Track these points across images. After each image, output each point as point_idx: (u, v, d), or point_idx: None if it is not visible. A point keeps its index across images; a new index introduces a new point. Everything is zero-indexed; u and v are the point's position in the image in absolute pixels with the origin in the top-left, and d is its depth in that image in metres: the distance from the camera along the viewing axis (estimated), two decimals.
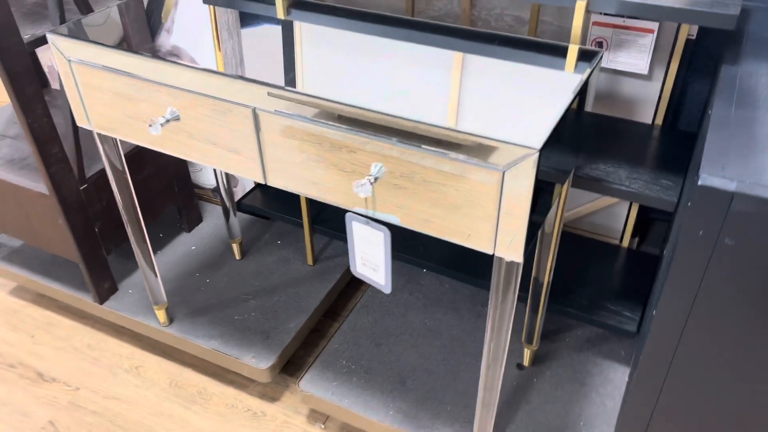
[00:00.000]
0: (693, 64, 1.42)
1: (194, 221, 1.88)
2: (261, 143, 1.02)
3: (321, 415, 1.51)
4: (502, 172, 0.82)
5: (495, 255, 0.91)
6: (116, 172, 1.32)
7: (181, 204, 1.81)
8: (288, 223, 1.85)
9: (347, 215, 1.00)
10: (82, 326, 1.75)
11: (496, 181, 0.83)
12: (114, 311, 1.62)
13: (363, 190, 0.90)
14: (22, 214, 1.54)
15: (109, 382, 1.60)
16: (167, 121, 1.08)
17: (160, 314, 1.54)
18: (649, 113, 1.40)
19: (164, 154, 1.69)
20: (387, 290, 1.02)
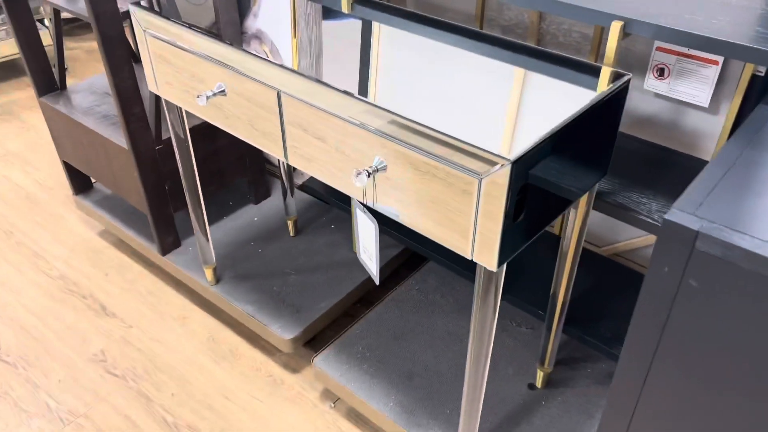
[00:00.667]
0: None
1: (262, 195, 2.01)
2: (283, 125, 1.09)
3: (333, 396, 1.57)
4: (479, 180, 0.84)
5: (473, 260, 0.92)
6: (179, 140, 1.46)
7: (250, 178, 1.94)
8: (343, 210, 1.92)
9: (353, 200, 1.05)
10: (148, 273, 1.93)
11: (475, 188, 0.85)
12: (172, 264, 1.78)
13: (359, 180, 0.95)
14: (109, 165, 1.74)
15: (158, 326, 1.76)
16: (214, 95, 1.19)
17: (208, 273, 1.68)
18: (710, 148, 1.32)
19: None
20: (376, 281, 1.06)
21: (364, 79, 1.02)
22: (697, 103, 1.26)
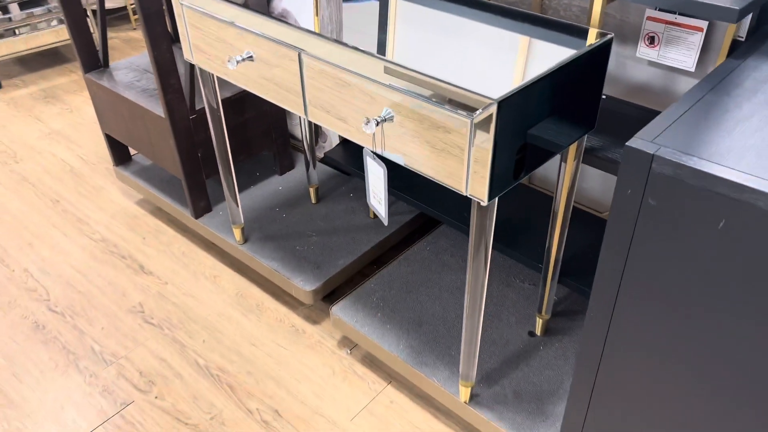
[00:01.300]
0: None
1: (287, 167, 2.16)
2: (303, 83, 1.23)
3: (350, 343, 1.71)
4: (471, 120, 0.96)
5: (468, 195, 1.04)
6: (212, 110, 1.60)
7: (275, 150, 2.09)
8: (361, 180, 2.06)
9: (364, 150, 1.18)
10: (182, 237, 2.10)
11: (468, 129, 0.97)
12: (204, 226, 1.93)
13: (368, 128, 1.08)
14: (147, 134, 1.90)
15: (191, 283, 1.92)
16: (242, 60, 1.33)
17: (237, 233, 1.83)
18: None
19: (264, 102, 1.97)
20: (385, 222, 1.19)
21: (381, 47, 1.15)
22: (685, 68, 1.36)
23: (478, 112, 0.94)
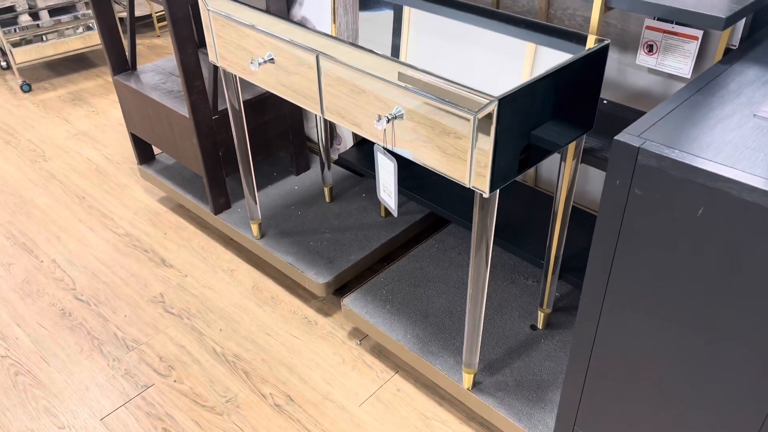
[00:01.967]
0: None
1: (303, 168, 2.25)
2: (321, 83, 1.32)
3: (359, 334, 1.78)
4: (474, 116, 1.04)
5: (471, 187, 1.12)
6: (234, 111, 1.70)
7: (292, 151, 2.18)
8: (374, 180, 2.14)
9: (375, 146, 1.27)
10: (201, 233, 2.19)
11: (471, 124, 1.06)
12: (223, 222, 2.03)
13: (380, 124, 1.17)
14: (171, 133, 2.00)
15: (209, 276, 2.01)
16: (264, 62, 1.42)
17: (254, 228, 1.92)
18: None
19: (283, 105, 2.06)
20: (395, 213, 1.28)
21: (394, 52, 1.24)
22: (681, 75, 1.44)
23: (481, 109, 1.03)
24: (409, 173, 1.97)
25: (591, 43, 1.18)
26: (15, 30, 3.21)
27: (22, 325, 1.85)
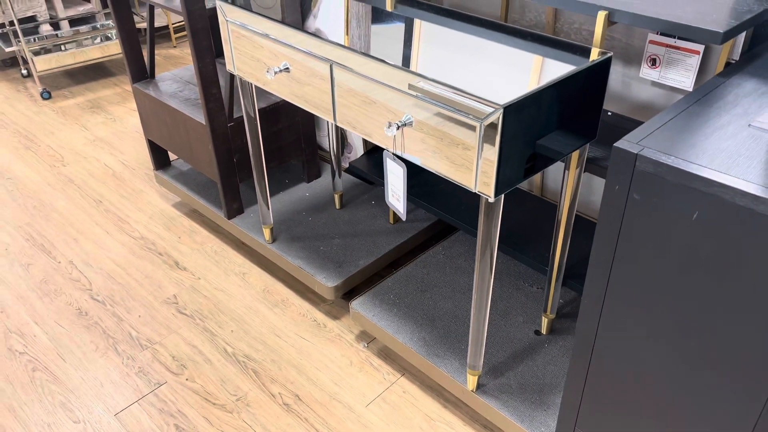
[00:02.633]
0: None
1: (314, 175, 2.30)
2: (334, 92, 1.37)
3: (367, 337, 1.83)
4: (480, 123, 1.09)
5: (477, 192, 1.17)
6: (250, 119, 1.76)
7: (304, 159, 2.24)
8: (382, 188, 2.19)
9: (384, 152, 1.32)
10: (215, 237, 2.24)
11: (477, 131, 1.10)
12: (236, 226, 2.08)
13: (390, 131, 1.22)
14: (187, 140, 2.06)
15: (222, 279, 2.06)
16: (280, 71, 1.48)
17: (266, 232, 1.97)
18: None
19: (297, 113, 2.12)
20: (403, 217, 1.32)
21: (405, 62, 1.29)
22: (683, 88, 1.48)
23: (487, 116, 1.07)
24: (418, 181, 2.02)
25: (594, 56, 1.23)
26: (36, 39, 3.30)
27: (40, 324, 1.91)
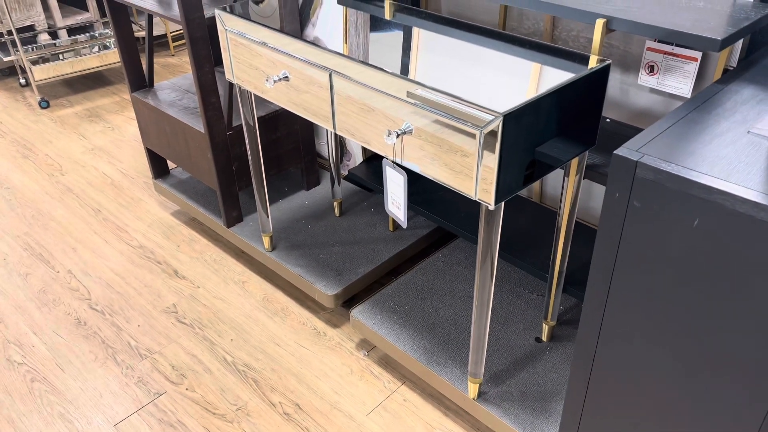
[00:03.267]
0: None
1: (313, 183, 2.30)
2: (333, 100, 1.37)
3: (367, 345, 1.82)
4: (480, 131, 1.09)
5: (477, 199, 1.17)
6: (249, 127, 1.76)
7: (303, 166, 2.24)
8: (383, 195, 2.19)
9: (383, 161, 1.32)
10: (214, 246, 2.24)
11: (477, 139, 1.10)
12: (236, 235, 2.08)
13: (390, 139, 1.22)
14: (186, 148, 2.06)
15: (221, 288, 2.06)
16: (279, 80, 1.48)
17: (266, 240, 1.97)
18: None
19: (296, 121, 2.12)
20: (404, 225, 1.32)
21: (403, 70, 1.29)
22: (681, 95, 1.49)
23: (487, 124, 1.08)
24: (417, 189, 2.02)
25: (593, 63, 1.23)
26: (34, 48, 3.31)
27: (39, 334, 1.90)
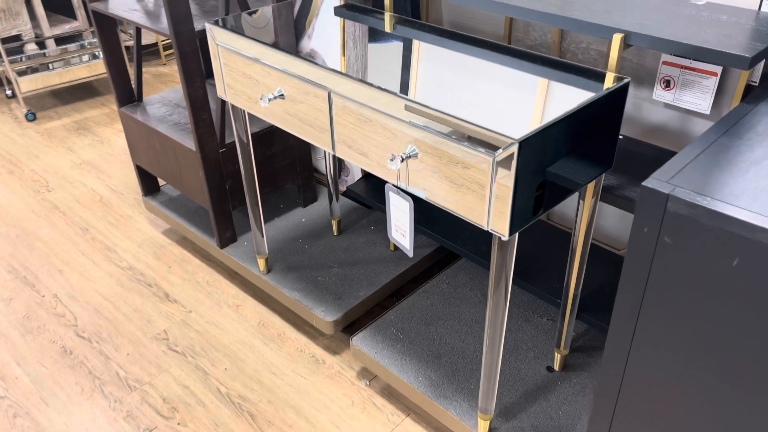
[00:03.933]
0: None
1: (310, 199, 2.22)
2: (332, 120, 1.29)
3: (369, 374, 1.73)
4: (493, 158, 1.01)
5: (489, 230, 1.08)
6: (242, 144, 1.67)
7: (300, 182, 2.15)
8: (381, 212, 2.10)
9: (386, 186, 1.23)
10: (206, 266, 2.15)
11: (490, 166, 1.02)
12: (229, 256, 1.99)
13: (394, 164, 1.13)
14: (177, 166, 1.97)
15: (214, 312, 1.96)
16: (274, 98, 1.40)
17: (261, 262, 1.88)
18: None
19: (291, 136, 2.04)
20: (410, 254, 1.23)
21: (404, 87, 1.21)
22: (700, 111, 1.41)
23: (500, 151, 0.99)
24: (418, 206, 1.94)
25: (610, 81, 1.15)
26: (21, 59, 3.21)
27: (22, 364, 1.80)
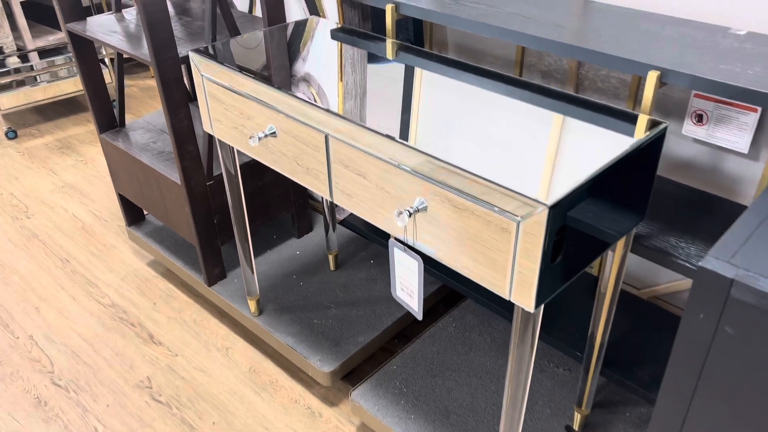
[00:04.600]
0: None
1: (305, 229, 2.07)
2: (330, 165, 1.15)
3: (370, 431, 1.59)
4: (518, 222, 0.87)
5: (511, 300, 0.94)
6: (230, 176, 1.53)
7: (294, 212, 2.01)
8: (382, 246, 1.97)
9: (390, 240, 1.09)
10: (194, 303, 2.00)
11: (513, 230, 0.88)
12: (218, 294, 1.84)
13: (401, 220, 0.99)
14: (161, 198, 1.83)
15: (202, 356, 1.82)
16: (265, 136, 1.25)
17: (252, 304, 1.73)
18: (750, 194, 1.33)
19: None
20: (419, 317, 1.09)
21: (406, 121, 1.07)
22: (737, 150, 1.27)
23: (528, 216, 0.85)
24: None
25: (644, 125, 1.01)
26: (4, 74, 3.06)
27: None
